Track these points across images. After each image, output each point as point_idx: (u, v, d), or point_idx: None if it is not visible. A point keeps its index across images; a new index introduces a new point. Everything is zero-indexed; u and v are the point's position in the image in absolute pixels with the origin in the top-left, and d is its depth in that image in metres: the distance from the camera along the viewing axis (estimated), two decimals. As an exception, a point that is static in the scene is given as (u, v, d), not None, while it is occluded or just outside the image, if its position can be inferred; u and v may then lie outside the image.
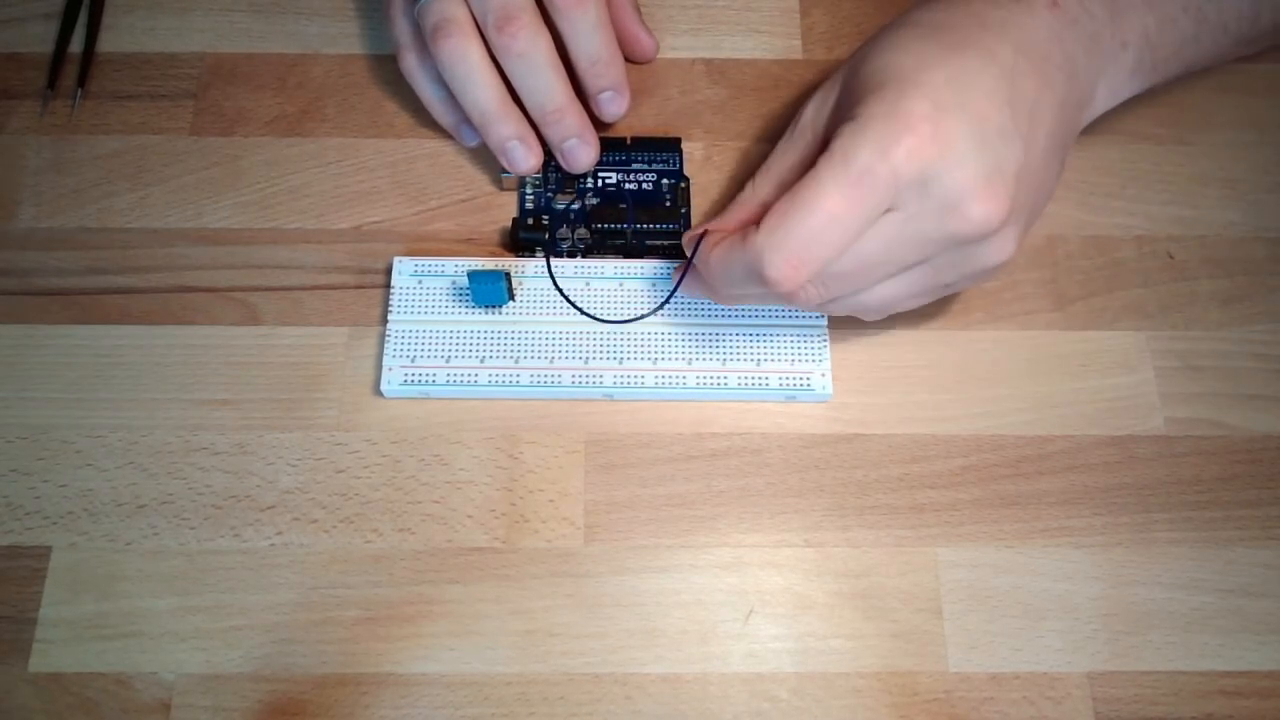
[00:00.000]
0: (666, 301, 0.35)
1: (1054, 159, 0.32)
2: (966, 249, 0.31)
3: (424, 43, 0.37)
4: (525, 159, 0.37)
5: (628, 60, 0.40)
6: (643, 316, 0.36)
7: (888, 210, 0.29)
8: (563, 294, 0.35)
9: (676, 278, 0.35)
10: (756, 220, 0.30)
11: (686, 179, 0.40)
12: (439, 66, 0.36)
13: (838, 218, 0.29)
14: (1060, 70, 0.31)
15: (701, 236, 0.33)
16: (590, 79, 0.38)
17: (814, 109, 0.33)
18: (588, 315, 0.36)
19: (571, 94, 0.37)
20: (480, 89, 0.36)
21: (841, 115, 0.31)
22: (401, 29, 0.39)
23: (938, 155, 0.29)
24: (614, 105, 0.38)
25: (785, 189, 0.30)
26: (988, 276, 0.32)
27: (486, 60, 0.36)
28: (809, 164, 0.30)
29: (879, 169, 0.28)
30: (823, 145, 0.30)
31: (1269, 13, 0.37)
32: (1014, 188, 0.30)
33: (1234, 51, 0.38)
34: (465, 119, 0.38)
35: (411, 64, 0.39)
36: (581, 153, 0.38)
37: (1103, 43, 0.33)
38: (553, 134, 0.37)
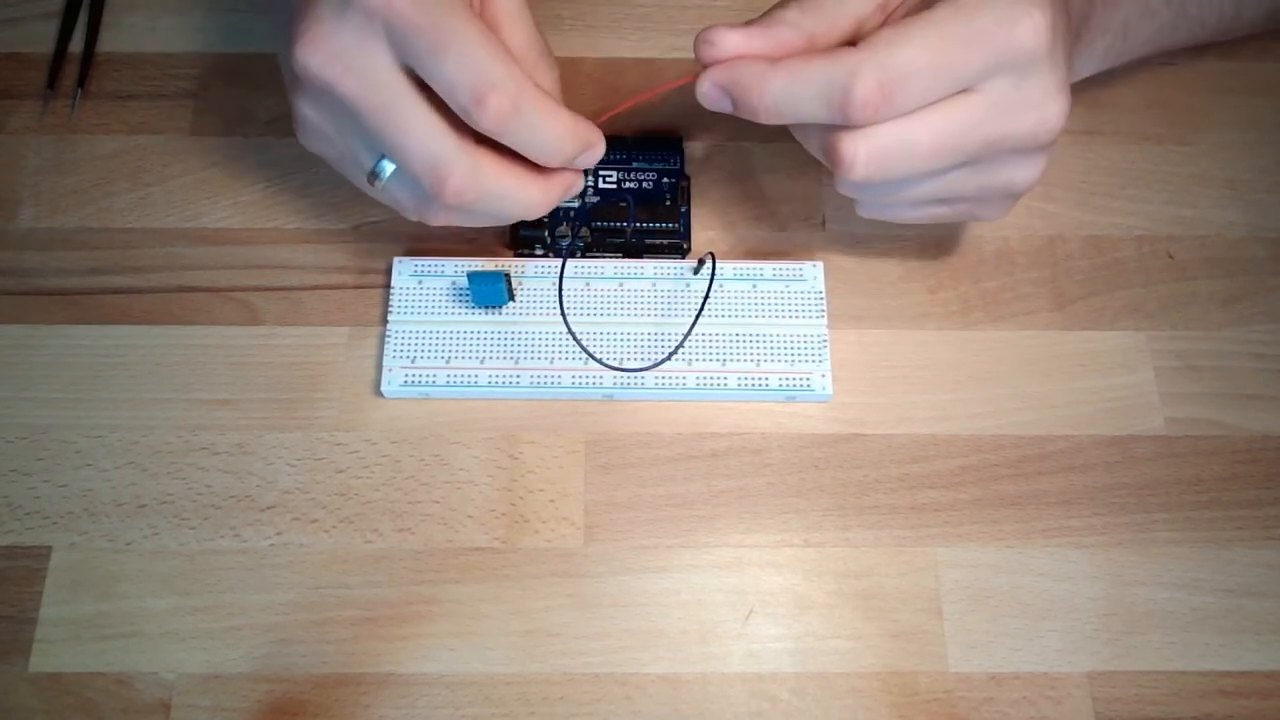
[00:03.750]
0: (680, 345, 0.35)
1: None
2: (1017, 158, 0.30)
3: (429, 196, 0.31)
4: (593, 157, 0.33)
5: None
6: (656, 364, 0.35)
7: (967, 91, 0.28)
8: (577, 341, 0.35)
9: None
10: (803, 51, 0.29)
11: (687, 178, 0.40)
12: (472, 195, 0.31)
13: (941, 67, 0.28)
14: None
15: (728, 61, 0.30)
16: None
17: None
18: (603, 364, 0.35)
19: (573, 126, 0.32)
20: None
21: None
22: (397, 198, 0.33)
23: (1047, 49, 0.28)
24: (592, 158, 0.33)
25: (844, 33, 0.29)
26: (1005, 203, 0.32)
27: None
28: (878, 14, 0.29)
29: (997, 35, 0.28)
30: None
31: (1250, 10, 0.36)
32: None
33: (1208, 40, 0.37)
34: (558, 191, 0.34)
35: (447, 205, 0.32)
36: (596, 155, 0.33)
37: (1091, 24, 0.33)
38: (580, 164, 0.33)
